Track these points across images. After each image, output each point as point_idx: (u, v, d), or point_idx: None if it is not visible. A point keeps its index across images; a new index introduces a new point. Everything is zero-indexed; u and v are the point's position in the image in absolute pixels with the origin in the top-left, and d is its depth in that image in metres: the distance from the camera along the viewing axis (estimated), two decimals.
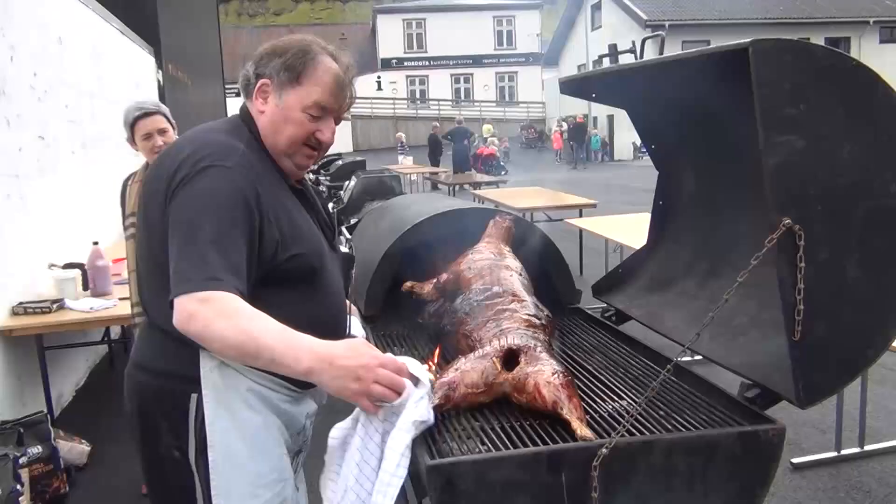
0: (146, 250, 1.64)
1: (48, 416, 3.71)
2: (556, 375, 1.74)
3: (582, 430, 1.60)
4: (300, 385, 1.64)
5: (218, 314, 1.43)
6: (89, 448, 3.89)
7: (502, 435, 1.67)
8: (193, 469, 1.57)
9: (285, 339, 1.46)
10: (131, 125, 3.22)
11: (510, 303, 2.10)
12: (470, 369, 1.79)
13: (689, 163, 2.46)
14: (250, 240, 1.52)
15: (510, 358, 1.84)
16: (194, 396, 1.55)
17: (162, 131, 3.23)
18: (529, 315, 2.06)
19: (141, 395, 1.63)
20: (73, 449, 3.81)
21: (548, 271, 2.66)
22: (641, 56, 2.12)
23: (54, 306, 4.00)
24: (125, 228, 3.27)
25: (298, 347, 1.46)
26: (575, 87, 2.45)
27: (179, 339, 1.51)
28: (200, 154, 1.57)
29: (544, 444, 1.60)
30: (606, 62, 2.30)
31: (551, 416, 1.70)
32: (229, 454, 1.55)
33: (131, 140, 3.27)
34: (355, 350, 1.49)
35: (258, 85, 1.69)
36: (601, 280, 2.76)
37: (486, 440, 1.65)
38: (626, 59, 2.20)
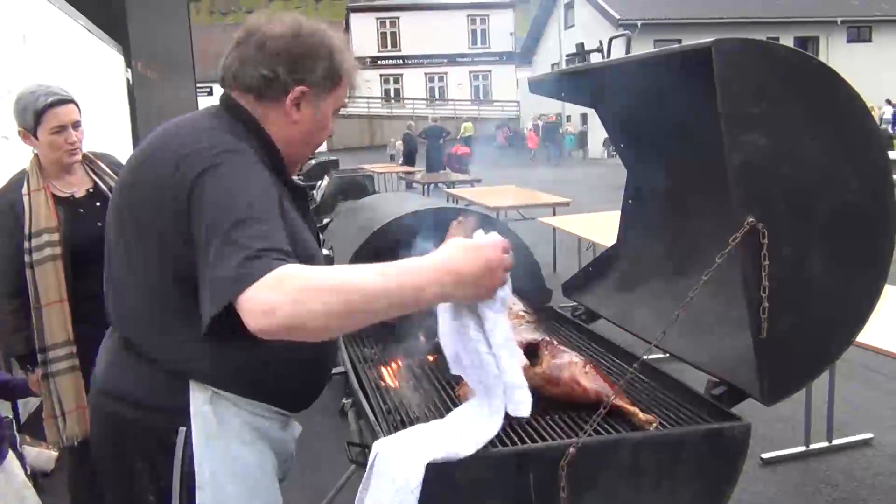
0: (142, 268, 1.44)
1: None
2: (588, 366, 1.77)
3: (641, 415, 1.64)
4: (291, 407, 1.57)
5: (298, 290, 1.19)
6: (56, 454, 3.82)
7: None
8: None
9: (392, 275, 1.24)
10: (39, 113, 2.52)
11: None
12: None
13: (658, 161, 2.47)
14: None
15: (528, 352, 1.85)
16: (182, 430, 1.43)
17: (76, 124, 2.60)
18: (523, 311, 2.06)
19: (117, 430, 1.49)
20: (41, 455, 3.74)
21: (519, 271, 2.65)
22: (608, 55, 2.13)
23: None
24: (32, 251, 2.49)
25: (413, 275, 1.26)
26: (543, 86, 2.46)
27: (168, 370, 1.43)
28: (213, 142, 1.39)
29: (512, 444, 1.60)
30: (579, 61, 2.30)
31: (586, 406, 1.72)
32: (220, 495, 1.44)
33: (29, 133, 2.56)
34: (474, 249, 1.33)
35: (295, 92, 1.48)
36: (571, 279, 2.76)
37: None
38: (595, 59, 2.20)
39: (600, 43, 2.18)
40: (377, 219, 2.66)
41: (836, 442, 3.79)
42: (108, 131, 6.79)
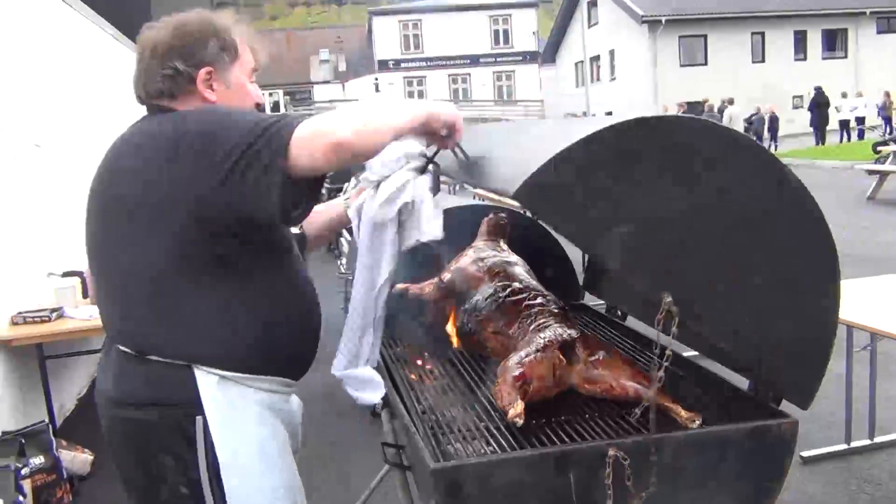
0: (141, 257, 1.47)
1: (50, 426, 3.68)
2: (626, 363, 1.75)
3: (684, 413, 1.60)
4: (295, 375, 1.64)
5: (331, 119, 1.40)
6: (92, 457, 3.86)
7: (508, 435, 1.63)
8: (209, 498, 1.50)
9: (379, 106, 1.46)
10: None
11: (535, 298, 2.04)
12: (536, 363, 1.71)
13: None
14: None
15: (563, 350, 1.80)
16: (199, 419, 1.48)
17: None
18: (559, 309, 2.02)
19: (139, 434, 1.52)
20: (76, 458, 3.78)
21: (550, 267, 2.61)
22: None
23: (54, 315, 3.97)
24: None
25: (395, 105, 1.48)
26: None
27: (174, 364, 1.46)
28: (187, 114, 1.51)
29: (551, 443, 1.56)
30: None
31: (625, 404, 1.71)
32: (243, 474, 1.50)
33: None
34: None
35: (200, 74, 1.58)
36: (586, 274, 2.71)
37: (491, 441, 1.61)
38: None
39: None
40: None
41: (878, 440, 3.70)
42: None
